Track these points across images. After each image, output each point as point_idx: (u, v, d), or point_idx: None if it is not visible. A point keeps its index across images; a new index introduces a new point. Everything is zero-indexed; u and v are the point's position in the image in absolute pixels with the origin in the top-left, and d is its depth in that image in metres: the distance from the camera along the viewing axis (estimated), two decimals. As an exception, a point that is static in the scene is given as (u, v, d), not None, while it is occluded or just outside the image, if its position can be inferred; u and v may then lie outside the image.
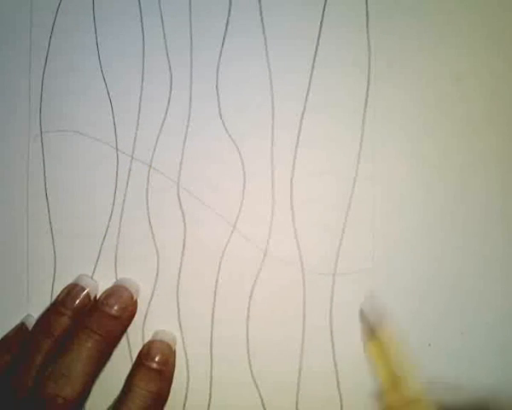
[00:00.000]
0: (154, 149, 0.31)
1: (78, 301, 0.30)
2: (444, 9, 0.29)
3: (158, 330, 0.31)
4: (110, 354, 0.30)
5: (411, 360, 0.28)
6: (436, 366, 0.29)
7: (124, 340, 0.31)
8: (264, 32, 0.30)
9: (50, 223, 0.32)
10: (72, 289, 0.31)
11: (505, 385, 0.29)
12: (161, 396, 0.29)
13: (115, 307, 0.30)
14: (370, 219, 0.29)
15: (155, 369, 0.29)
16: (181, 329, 0.31)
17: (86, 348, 0.28)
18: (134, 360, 0.30)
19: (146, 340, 0.31)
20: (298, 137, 0.30)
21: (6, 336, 0.31)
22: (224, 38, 0.30)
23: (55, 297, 0.31)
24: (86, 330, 0.29)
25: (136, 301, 0.31)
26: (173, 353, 0.30)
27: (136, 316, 0.31)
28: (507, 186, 0.29)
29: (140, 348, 0.31)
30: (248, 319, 0.30)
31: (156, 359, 0.29)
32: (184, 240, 0.31)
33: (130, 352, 0.31)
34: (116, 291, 0.30)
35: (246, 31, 0.30)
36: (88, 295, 0.30)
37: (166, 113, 0.31)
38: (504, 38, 0.29)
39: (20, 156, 0.32)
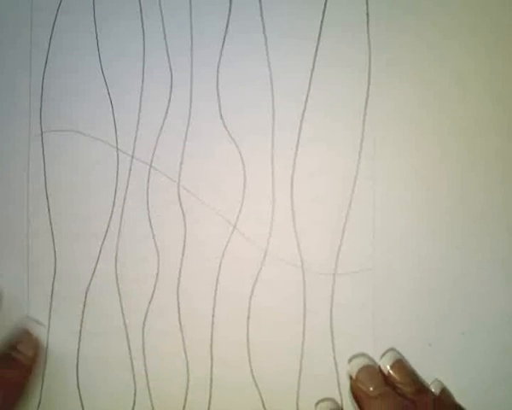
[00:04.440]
0: (155, 149, 0.31)
1: None
2: (444, 9, 0.29)
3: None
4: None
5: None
6: (436, 366, 0.29)
7: (124, 340, 0.31)
8: (264, 32, 0.30)
9: (50, 223, 0.32)
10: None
11: (505, 386, 0.29)
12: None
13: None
14: (370, 219, 0.29)
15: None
16: (181, 329, 0.31)
17: None
18: (133, 359, 0.30)
19: (146, 340, 0.31)
20: (298, 137, 0.30)
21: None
22: (224, 38, 0.30)
23: (55, 297, 0.31)
24: None
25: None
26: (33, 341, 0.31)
27: (137, 316, 0.31)
28: (507, 186, 0.29)
29: (140, 347, 0.31)
30: (248, 319, 0.30)
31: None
32: (185, 240, 0.31)
33: (130, 352, 0.31)
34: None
35: (246, 31, 0.30)
36: None
37: (166, 113, 0.31)
38: (505, 37, 0.29)
39: (21, 156, 0.32)
